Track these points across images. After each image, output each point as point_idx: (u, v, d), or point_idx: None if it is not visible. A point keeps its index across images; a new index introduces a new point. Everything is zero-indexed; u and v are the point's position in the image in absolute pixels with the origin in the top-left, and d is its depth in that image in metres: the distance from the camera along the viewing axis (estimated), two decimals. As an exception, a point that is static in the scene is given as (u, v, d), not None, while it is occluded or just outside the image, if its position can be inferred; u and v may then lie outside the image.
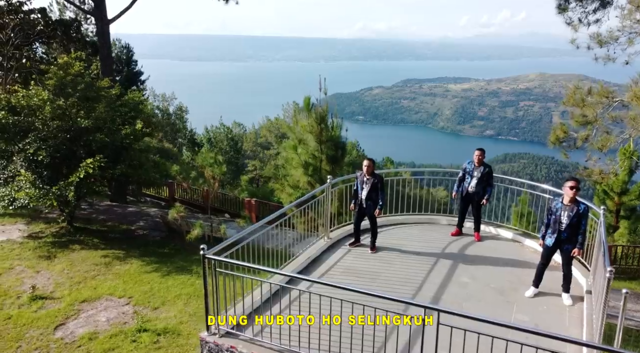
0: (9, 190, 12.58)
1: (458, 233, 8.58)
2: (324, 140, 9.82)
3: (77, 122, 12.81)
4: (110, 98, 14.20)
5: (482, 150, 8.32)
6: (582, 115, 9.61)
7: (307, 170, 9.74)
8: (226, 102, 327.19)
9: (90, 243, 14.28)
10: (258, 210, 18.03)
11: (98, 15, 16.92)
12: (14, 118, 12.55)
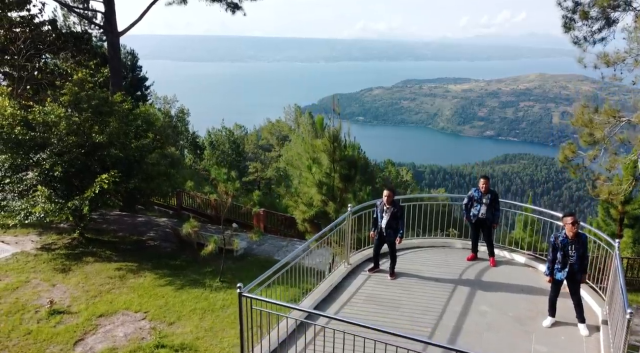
0: (25, 204, 12.79)
1: (473, 258, 8.79)
2: (337, 159, 10.02)
3: (91, 138, 13.04)
4: (123, 112, 14.43)
5: (487, 179, 8.60)
6: (590, 134, 9.83)
7: (321, 189, 9.95)
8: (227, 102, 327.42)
9: (103, 256, 14.49)
10: (266, 220, 18.25)
11: (108, 29, 17.13)
12: (30, 134, 12.77)
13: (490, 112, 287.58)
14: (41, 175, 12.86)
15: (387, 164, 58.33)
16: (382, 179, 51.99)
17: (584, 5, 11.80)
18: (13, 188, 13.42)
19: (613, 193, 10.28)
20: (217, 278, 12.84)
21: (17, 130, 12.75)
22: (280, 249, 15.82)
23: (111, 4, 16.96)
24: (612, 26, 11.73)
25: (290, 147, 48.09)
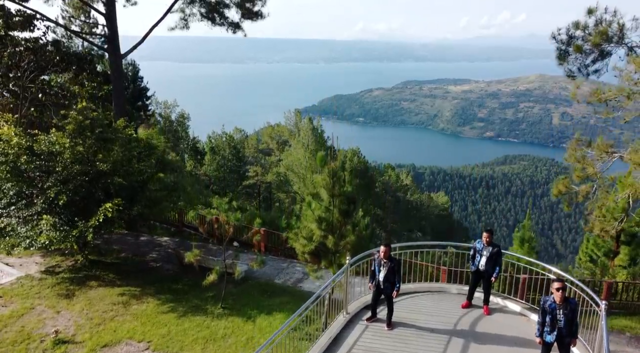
0: (30, 232, 13.03)
1: (468, 306, 9.02)
2: (336, 194, 10.26)
3: (95, 166, 13.29)
4: (125, 139, 14.67)
5: (490, 232, 8.83)
6: (582, 169, 10.07)
7: (321, 225, 10.19)
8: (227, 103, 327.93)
9: (106, 279, 14.73)
10: (267, 239, 18.48)
11: (111, 51, 17.38)
12: (35, 163, 13.02)
13: (490, 113, 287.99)
14: (46, 202, 13.09)
15: (386, 168, 58.56)
16: (382, 183, 52.28)
17: (577, 38, 12.05)
18: (19, 215, 13.65)
19: (605, 229, 10.51)
20: (219, 305, 13.08)
21: (23, 159, 13.00)
22: (280, 271, 16.07)
23: (114, 28, 17.20)
24: (606, 58, 11.97)
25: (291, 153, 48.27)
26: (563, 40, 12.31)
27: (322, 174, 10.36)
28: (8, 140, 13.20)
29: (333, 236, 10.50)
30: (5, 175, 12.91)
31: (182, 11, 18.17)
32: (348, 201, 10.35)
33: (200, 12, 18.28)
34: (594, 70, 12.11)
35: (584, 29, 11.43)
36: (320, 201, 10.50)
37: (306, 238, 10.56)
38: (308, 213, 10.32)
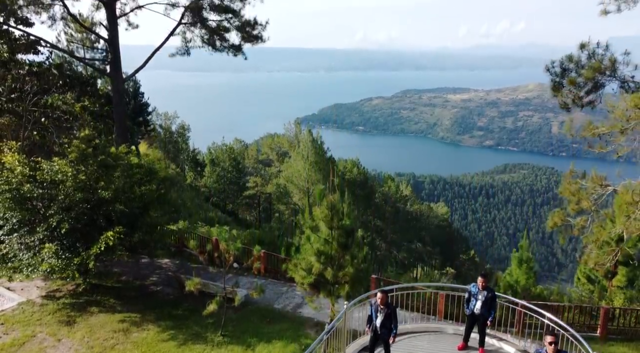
0: (32, 261, 13.18)
1: (464, 347, 9.15)
2: (335, 227, 10.42)
3: (97, 193, 13.47)
4: (127, 165, 14.87)
5: (485, 277, 8.99)
6: (577, 202, 10.24)
7: (320, 258, 10.35)
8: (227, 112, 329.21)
9: (107, 305, 14.83)
10: (267, 261, 18.59)
11: (114, 75, 17.66)
12: (38, 191, 13.21)
13: (490, 122, 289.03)
14: (48, 229, 13.25)
15: (386, 179, 58.67)
16: (382, 194, 52.42)
17: (571, 70, 12.29)
18: (21, 241, 13.80)
19: (599, 263, 10.66)
20: (219, 332, 13.17)
21: (26, 187, 13.19)
22: (280, 296, 16.17)
23: (116, 52, 17.49)
24: (599, 90, 12.19)
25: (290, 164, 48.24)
26: (557, 72, 12.54)
27: (321, 207, 10.52)
28: (12, 168, 13.39)
29: (332, 268, 10.65)
30: (8, 204, 13.08)
31: (183, 37, 18.49)
32: (347, 234, 10.52)
33: (201, 38, 18.60)
34: (588, 101, 12.32)
35: (577, 63, 11.68)
36: (319, 234, 10.66)
37: (305, 270, 10.71)
38: (307, 246, 10.48)
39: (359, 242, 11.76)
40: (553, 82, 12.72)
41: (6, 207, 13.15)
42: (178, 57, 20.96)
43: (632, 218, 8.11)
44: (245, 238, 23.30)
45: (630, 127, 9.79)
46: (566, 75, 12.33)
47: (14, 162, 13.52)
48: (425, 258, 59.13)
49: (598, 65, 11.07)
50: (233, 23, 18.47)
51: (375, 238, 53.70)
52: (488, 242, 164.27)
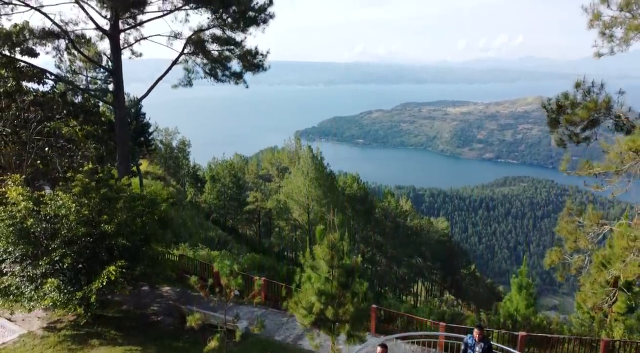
0: (34, 294, 13.26)
1: None
2: (335, 265, 10.53)
3: (100, 227, 13.60)
4: (129, 197, 15.04)
5: (482, 328, 9.07)
6: (574, 241, 10.37)
7: (320, 298, 10.44)
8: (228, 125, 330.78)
9: (108, 337, 14.84)
10: (267, 288, 18.63)
11: (116, 105, 17.93)
12: (41, 225, 13.35)
13: (489, 135, 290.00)
14: (50, 263, 13.35)
15: (386, 194, 58.72)
16: (382, 209, 52.43)
17: (566, 108, 12.52)
18: (23, 274, 13.89)
19: (597, 304, 10.75)
20: (220, 367, 13.17)
21: (30, 222, 13.33)
22: (280, 327, 16.19)
23: (119, 83, 17.79)
24: (595, 127, 12.40)
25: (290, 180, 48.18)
26: (553, 109, 12.77)
27: (321, 246, 10.64)
28: (16, 203, 13.55)
29: (332, 307, 10.73)
30: (12, 238, 13.21)
31: (186, 69, 18.81)
32: (347, 273, 10.62)
33: (203, 69, 18.92)
34: (583, 137, 12.51)
35: (572, 103, 11.91)
36: (319, 272, 10.76)
37: (306, 309, 10.78)
38: (307, 286, 10.58)
39: (359, 276, 11.87)
40: (549, 118, 12.93)
41: (9, 241, 13.27)
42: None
43: (628, 264, 8.24)
44: (246, 262, 23.38)
45: (624, 169, 9.96)
46: (562, 112, 12.55)
47: (18, 197, 13.67)
48: (426, 274, 58.91)
49: (593, 105, 11.30)
50: (235, 52, 18.80)
51: (375, 254, 53.59)
52: (489, 255, 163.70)
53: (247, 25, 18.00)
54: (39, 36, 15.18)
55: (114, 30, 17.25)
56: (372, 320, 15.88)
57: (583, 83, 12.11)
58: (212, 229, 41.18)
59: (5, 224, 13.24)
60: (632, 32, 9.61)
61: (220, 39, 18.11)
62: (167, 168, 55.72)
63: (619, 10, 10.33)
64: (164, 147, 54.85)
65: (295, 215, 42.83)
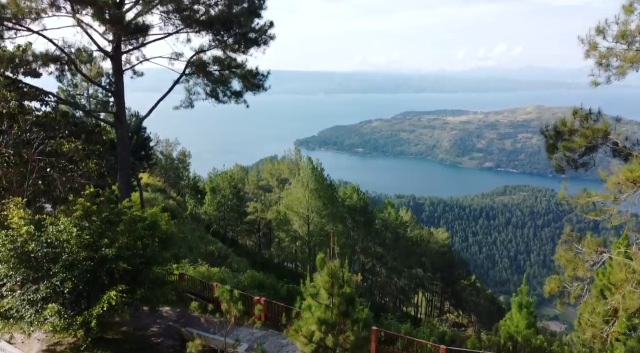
0: (35, 318, 13.28)
1: None
2: (335, 294, 10.58)
3: (101, 251, 13.65)
4: (130, 220, 15.09)
5: None
6: (573, 269, 10.41)
7: (320, 327, 10.47)
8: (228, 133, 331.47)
9: (107, 361, 14.84)
10: (268, 309, 18.61)
11: (118, 125, 18.07)
12: (42, 250, 13.40)
13: (489, 144, 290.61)
14: (51, 287, 13.38)
15: (386, 205, 58.64)
16: (382, 220, 52.34)
17: (564, 134, 12.65)
18: (24, 297, 13.90)
19: (595, 336, 10.78)
20: (220, 392, 13.16)
21: (31, 247, 13.38)
22: (281, 349, 16.16)
23: (121, 103, 17.96)
24: (592, 153, 12.52)
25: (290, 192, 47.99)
26: (551, 135, 12.90)
27: (322, 274, 10.70)
28: (17, 228, 13.62)
29: (333, 335, 10.76)
30: (13, 263, 13.26)
31: (187, 90, 19.00)
32: (347, 302, 10.66)
33: (204, 91, 19.11)
34: (582, 163, 12.62)
35: (570, 130, 12.04)
36: (319, 300, 10.80)
37: (306, 337, 10.80)
38: (308, 315, 10.61)
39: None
40: (547, 144, 13.06)
41: (10, 266, 13.31)
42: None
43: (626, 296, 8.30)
44: (246, 280, 23.34)
45: (622, 198, 10.05)
46: (560, 138, 12.68)
47: (20, 221, 13.74)
48: (426, 284, 58.65)
49: (590, 132, 11.42)
50: (236, 73, 18.99)
51: (375, 265, 53.43)
52: (489, 264, 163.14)
53: (248, 47, 18.21)
54: (43, 60, 15.35)
55: (116, 51, 17.45)
56: (372, 342, 15.85)
57: (580, 110, 12.26)
58: (212, 243, 41.10)
59: (6, 249, 13.30)
60: (627, 64, 9.76)
61: (221, 60, 18.31)
62: (167, 179, 55.76)
63: (615, 41, 10.50)
64: (165, 158, 54.96)
65: (295, 227, 42.78)
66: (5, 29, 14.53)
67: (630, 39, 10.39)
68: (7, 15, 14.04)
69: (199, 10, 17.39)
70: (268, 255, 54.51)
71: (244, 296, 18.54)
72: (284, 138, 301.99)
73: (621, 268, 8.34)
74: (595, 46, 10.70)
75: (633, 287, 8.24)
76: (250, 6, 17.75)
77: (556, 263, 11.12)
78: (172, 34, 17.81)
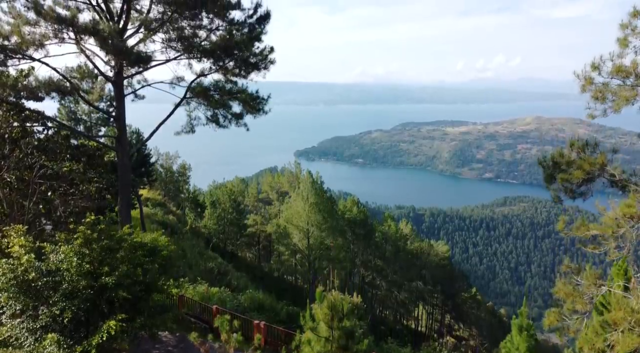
0: (34, 348, 13.25)
1: None
2: (335, 327, 10.60)
3: (101, 280, 13.67)
4: (131, 247, 15.13)
5: None
6: (572, 302, 10.45)
7: (321, 361, 10.49)
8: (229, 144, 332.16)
9: (106, 391, 14.75)
10: (267, 333, 18.55)
11: (119, 149, 18.20)
12: (43, 279, 13.43)
13: (489, 155, 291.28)
14: (50, 316, 13.38)
15: (386, 218, 58.56)
16: (382, 233, 52.26)
17: (561, 164, 12.76)
18: (22, 326, 13.90)
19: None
20: None
21: (32, 276, 13.42)
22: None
23: (122, 128, 18.10)
24: (590, 183, 12.62)
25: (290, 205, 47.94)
26: (549, 165, 13.02)
27: (322, 307, 10.73)
28: (18, 257, 13.66)
29: (332, 369, 10.75)
30: (13, 293, 13.28)
31: (188, 115, 19.19)
32: (347, 336, 10.67)
33: (205, 115, 19.29)
34: (579, 193, 12.72)
35: (568, 161, 12.15)
36: (318, 333, 10.82)
37: (306, 371, 10.80)
38: (307, 349, 10.63)
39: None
40: (545, 174, 13.17)
41: (10, 295, 13.33)
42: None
43: (625, 335, 8.32)
44: (246, 301, 23.30)
45: (620, 233, 10.12)
46: (557, 169, 12.80)
47: (20, 250, 13.80)
48: (427, 297, 58.41)
49: (588, 166, 11.53)
50: (237, 97, 19.18)
51: (375, 278, 53.25)
52: (490, 275, 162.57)
53: (249, 71, 18.40)
54: (46, 89, 15.53)
55: (117, 77, 17.64)
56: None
57: (577, 142, 12.40)
58: (212, 259, 41.04)
59: (6, 278, 13.33)
60: (623, 102, 9.92)
61: (222, 87, 18.50)
62: (167, 192, 55.83)
63: (610, 77, 10.66)
64: (165, 171, 55.11)
65: (295, 240, 42.76)
66: (9, 57, 14.72)
67: (625, 74, 10.56)
68: (10, 46, 14.24)
69: (201, 36, 17.62)
70: (268, 268, 54.36)
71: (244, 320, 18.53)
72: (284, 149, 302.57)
73: (620, 306, 8.40)
74: (591, 81, 10.86)
75: (631, 326, 8.27)
76: (251, 32, 17.98)
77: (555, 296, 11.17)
78: (174, 60, 18.02)
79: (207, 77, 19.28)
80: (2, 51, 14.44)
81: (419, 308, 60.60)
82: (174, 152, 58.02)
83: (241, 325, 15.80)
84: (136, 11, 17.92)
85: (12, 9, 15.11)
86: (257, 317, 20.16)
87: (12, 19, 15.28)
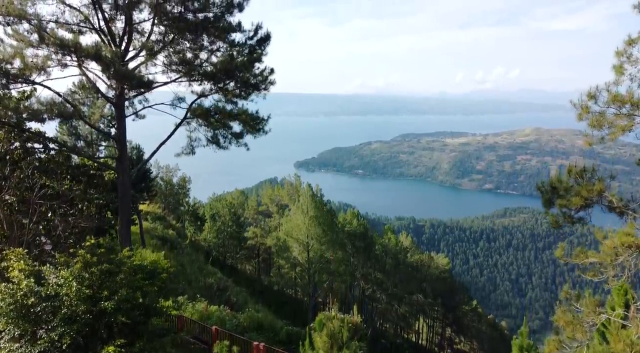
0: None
1: None
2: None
3: (100, 305, 13.65)
4: (129, 270, 15.13)
5: None
6: (572, 330, 10.44)
7: (320, 390, 10.43)
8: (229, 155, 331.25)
9: (104, 414, 14.63)
10: (267, 354, 18.46)
11: (120, 170, 18.28)
12: (42, 305, 13.42)
13: (489, 166, 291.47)
14: (49, 342, 13.34)
15: (386, 231, 58.42)
16: (382, 246, 52.11)
17: (560, 189, 12.83)
18: (21, 351, 13.83)
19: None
20: None
21: (31, 301, 13.40)
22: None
23: (123, 149, 18.20)
24: (588, 209, 12.67)
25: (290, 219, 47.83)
26: (547, 191, 13.09)
27: (321, 335, 10.71)
28: (18, 282, 13.65)
29: (332, 399, 10.69)
30: (12, 318, 13.26)
31: (188, 137, 19.32)
32: (346, 363, 10.63)
33: (205, 136, 19.42)
34: (578, 218, 12.77)
35: (566, 187, 12.23)
36: (318, 362, 10.78)
37: (305, 400, 10.74)
38: (307, 379, 10.59)
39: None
40: (544, 199, 13.24)
41: (9, 321, 13.31)
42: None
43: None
44: (245, 321, 23.23)
45: (618, 262, 10.15)
46: (556, 194, 12.87)
47: (20, 275, 13.80)
48: (427, 311, 58.06)
49: (586, 193, 11.60)
50: (237, 118, 19.32)
51: (375, 291, 52.98)
52: (490, 287, 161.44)
53: (249, 93, 18.58)
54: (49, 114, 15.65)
55: (118, 99, 17.78)
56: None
57: (575, 167, 12.49)
58: (212, 274, 40.90)
59: (6, 303, 13.31)
60: (619, 132, 10.03)
61: (223, 108, 18.65)
62: (167, 205, 55.82)
63: (606, 106, 10.79)
64: (165, 183, 55.17)
65: (294, 254, 42.67)
66: (11, 82, 14.87)
67: (621, 103, 10.69)
68: (13, 71, 14.40)
69: (202, 58, 17.83)
70: (267, 281, 54.12)
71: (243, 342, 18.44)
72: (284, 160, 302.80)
73: (619, 339, 8.40)
74: (588, 110, 10.98)
75: (631, 358, 8.30)
76: (252, 53, 18.18)
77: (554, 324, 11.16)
78: (175, 81, 18.20)
79: (207, 97, 19.46)
80: (4, 76, 14.59)
81: (419, 321, 60.20)
82: (174, 165, 58.22)
83: (240, 351, 15.74)
84: (138, 32, 18.13)
85: (16, 32, 15.31)
86: (257, 337, 20.06)
87: (15, 41, 15.48)
